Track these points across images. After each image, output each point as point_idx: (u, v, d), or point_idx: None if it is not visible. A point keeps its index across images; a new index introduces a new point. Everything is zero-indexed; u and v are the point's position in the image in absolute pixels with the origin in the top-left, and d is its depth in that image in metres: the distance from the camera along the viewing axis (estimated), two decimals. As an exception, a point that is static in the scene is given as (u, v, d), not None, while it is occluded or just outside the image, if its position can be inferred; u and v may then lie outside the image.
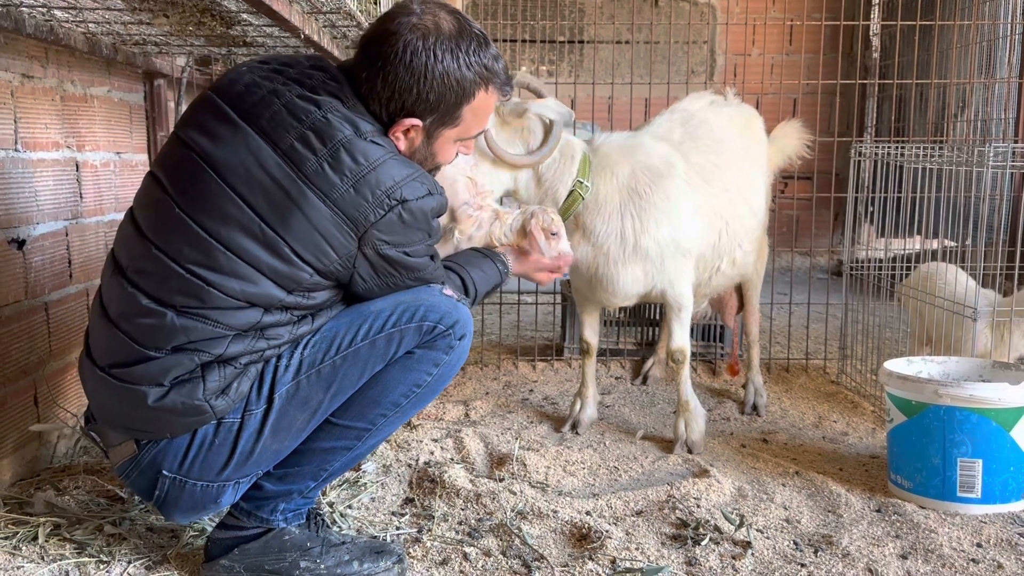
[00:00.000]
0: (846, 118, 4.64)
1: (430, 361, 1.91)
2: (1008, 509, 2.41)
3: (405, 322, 1.88)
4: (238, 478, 1.87)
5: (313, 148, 1.74)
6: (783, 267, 6.17)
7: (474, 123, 1.95)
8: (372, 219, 1.76)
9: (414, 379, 1.91)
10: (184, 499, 1.87)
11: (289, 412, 1.85)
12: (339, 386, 1.87)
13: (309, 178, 1.73)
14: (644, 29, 6.67)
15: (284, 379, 1.84)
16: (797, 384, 3.73)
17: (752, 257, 3.21)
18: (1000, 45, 5.17)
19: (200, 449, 1.83)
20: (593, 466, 2.73)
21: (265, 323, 1.80)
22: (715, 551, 2.14)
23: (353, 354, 1.86)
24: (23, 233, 2.51)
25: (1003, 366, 2.63)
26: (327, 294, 1.86)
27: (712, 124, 3.06)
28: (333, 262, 1.78)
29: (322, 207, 1.73)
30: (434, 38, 1.80)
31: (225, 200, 1.74)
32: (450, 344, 1.92)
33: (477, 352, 4.03)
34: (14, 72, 2.44)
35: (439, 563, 2.07)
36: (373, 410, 1.91)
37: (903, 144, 3.34)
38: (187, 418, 1.80)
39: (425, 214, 1.84)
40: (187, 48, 3.05)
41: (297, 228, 1.73)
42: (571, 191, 2.73)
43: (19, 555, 2.04)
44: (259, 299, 1.77)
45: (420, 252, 1.90)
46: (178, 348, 1.76)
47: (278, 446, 1.87)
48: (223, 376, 1.79)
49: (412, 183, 1.80)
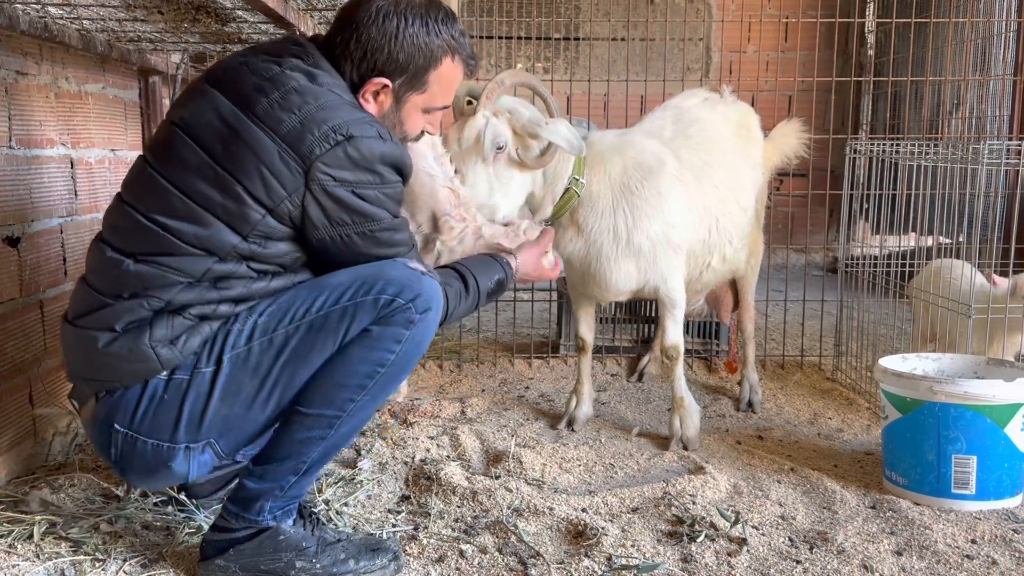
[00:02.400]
0: (841, 115, 4.65)
1: (390, 338, 1.86)
2: (1002, 505, 2.42)
3: (361, 295, 1.85)
4: (188, 442, 1.85)
5: (266, 92, 1.82)
6: (778, 264, 6.18)
7: (439, 92, 2.01)
8: (317, 152, 1.78)
9: (376, 358, 1.86)
10: (137, 458, 1.87)
11: (238, 377, 1.84)
12: (289, 357, 1.84)
13: (259, 117, 1.80)
14: (640, 26, 6.67)
15: (236, 343, 1.84)
16: (792, 381, 3.73)
17: (743, 254, 3.21)
18: (995, 42, 5.18)
19: (150, 404, 1.84)
20: (589, 463, 2.73)
21: (217, 272, 1.82)
22: (711, 548, 2.14)
23: (306, 325, 1.84)
24: (17, 231, 2.50)
25: (998, 363, 2.63)
26: (285, 246, 1.86)
27: (704, 121, 3.06)
28: (282, 199, 1.80)
29: (269, 142, 1.78)
30: (405, 4, 1.91)
31: (185, 149, 1.83)
32: (410, 318, 1.86)
33: (473, 349, 4.04)
34: (8, 69, 2.43)
35: (435, 560, 2.07)
36: (340, 394, 1.86)
37: (898, 141, 3.34)
38: (133, 364, 1.82)
39: (374, 156, 1.84)
40: (182, 45, 3.04)
41: (246, 164, 1.79)
42: (567, 188, 2.74)
43: (14, 554, 2.04)
44: (212, 244, 1.80)
45: (372, 198, 1.86)
46: (133, 295, 1.82)
47: (227, 412, 1.85)
48: (171, 326, 1.82)
49: (362, 124, 1.83)
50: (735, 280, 3.36)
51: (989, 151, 2.79)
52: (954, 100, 5.49)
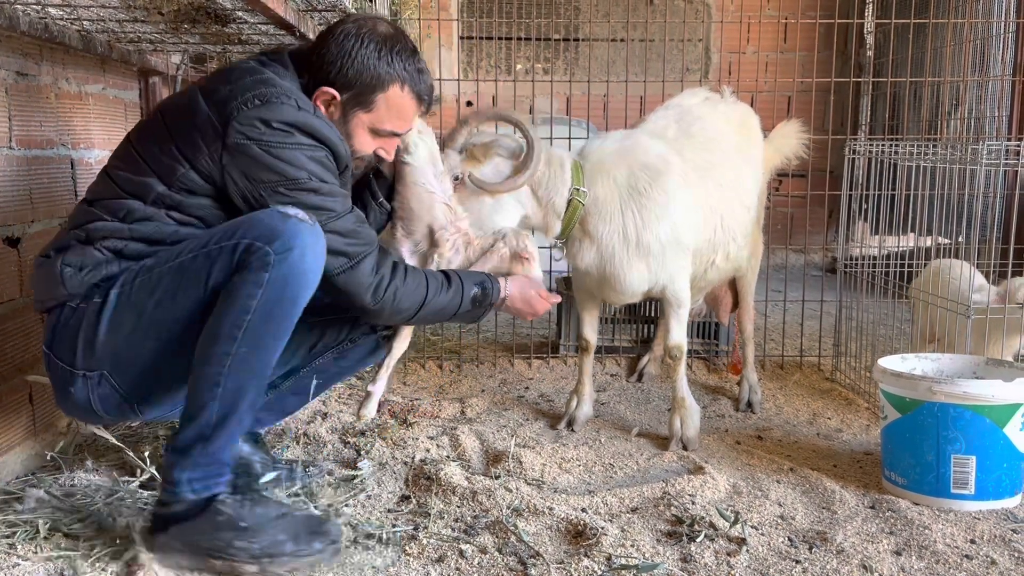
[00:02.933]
0: (840, 116, 4.65)
1: (250, 283, 1.88)
2: (1001, 505, 2.42)
3: (224, 240, 1.93)
4: (85, 370, 2.01)
5: (220, 73, 2.08)
6: (778, 264, 6.18)
7: (387, 115, 2.16)
8: (235, 114, 1.95)
9: (239, 306, 1.89)
10: (54, 379, 2.07)
11: (121, 311, 1.98)
12: (160, 295, 1.96)
13: (205, 91, 2.02)
14: (639, 27, 6.68)
15: (124, 280, 1.99)
16: (792, 381, 3.74)
17: (746, 252, 3.22)
18: (994, 43, 5.18)
19: (61, 328, 2.02)
20: (589, 463, 2.73)
21: (138, 213, 2.01)
22: (710, 548, 2.15)
23: (178, 266, 1.96)
24: (18, 231, 2.50)
25: (997, 363, 2.64)
26: (207, 202, 2.02)
27: (706, 121, 3.07)
28: (203, 155, 1.97)
29: (203, 105, 1.99)
30: (367, 31, 2.11)
31: (153, 123, 2.09)
32: (266, 261, 1.87)
33: (473, 350, 4.04)
34: (8, 70, 2.44)
35: (435, 560, 2.08)
36: (213, 347, 1.90)
37: (897, 142, 3.34)
38: (48, 285, 2.03)
39: (286, 118, 1.97)
40: (182, 46, 3.04)
41: (183, 125, 2.01)
42: (570, 200, 2.74)
43: (14, 554, 2.04)
44: (141, 189, 2.01)
45: (286, 157, 1.97)
46: (71, 229, 2.06)
47: (113, 345, 1.99)
48: (83, 254, 2.01)
49: (284, 95, 1.99)
50: (735, 280, 3.37)
51: (988, 152, 2.80)
52: (953, 101, 5.50)
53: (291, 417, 3.05)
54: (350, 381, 3.51)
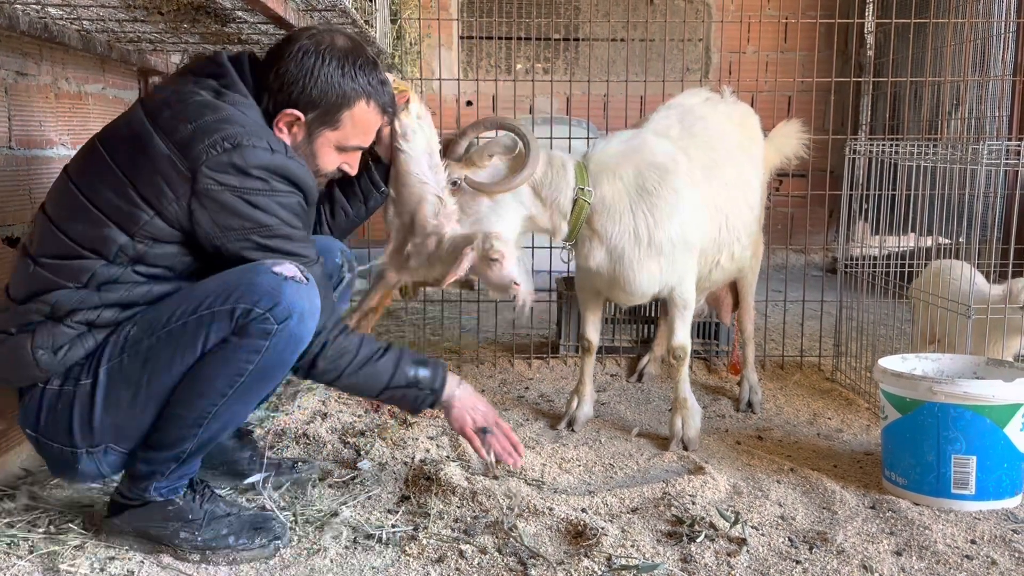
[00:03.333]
0: (840, 116, 4.65)
1: (248, 349, 1.88)
2: (1002, 506, 2.42)
3: (218, 304, 1.88)
4: (87, 447, 1.96)
5: (170, 104, 1.93)
6: (778, 264, 6.18)
7: (353, 132, 2.10)
8: (203, 158, 1.85)
9: (234, 369, 1.90)
10: (51, 459, 2.03)
11: (115, 388, 1.92)
12: (154, 367, 1.91)
13: (159, 125, 1.89)
14: (639, 27, 6.68)
15: (111, 355, 1.92)
16: (792, 381, 3.74)
17: (749, 252, 3.22)
18: (994, 43, 5.18)
19: (48, 412, 1.95)
20: (589, 463, 2.73)
21: (102, 276, 1.89)
22: (710, 548, 2.14)
23: (167, 335, 1.90)
24: (17, 231, 2.50)
25: (997, 363, 2.64)
26: (173, 249, 1.92)
27: (708, 120, 3.07)
28: (170, 202, 1.87)
29: (163, 147, 1.87)
30: (326, 47, 2.02)
31: (96, 157, 1.94)
32: (267, 330, 1.87)
33: (473, 350, 4.04)
34: (8, 69, 2.43)
35: (435, 561, 2.07)
36: (200, 401, 1.92)
37: (897, 142, 3.34)
38: (18, 369, 1.93)
39: (260, 163, 1.89)
40: (182, 46, 3.04)
41: (140, 168, 1.88)
42: (575, 200, 2.72)
43: (13, 554, 2.04)
44: (100, 243, 1.88)
45: (260, 204, 1.90)
46: (28, 298, 1.92)
47: (114, 420, 1.94)
48: (53, 334, 1.90)
49: (252, 135, 1.90)
50: (736, 280, 3.37)
51: (988, 151, 2.79)
52: (953, 101, 5.50)
53: (291, 417, 3.04)
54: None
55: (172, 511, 2.05)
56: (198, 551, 2.04)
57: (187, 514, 2.05)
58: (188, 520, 2.05)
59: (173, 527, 2.04)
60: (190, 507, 2.06)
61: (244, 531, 2.07)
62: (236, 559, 2.04)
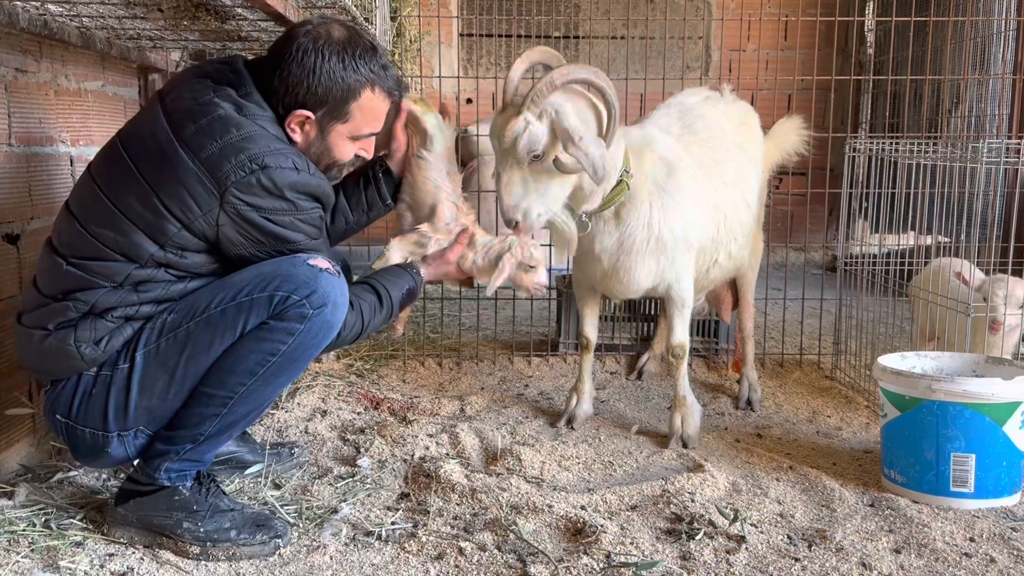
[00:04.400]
0: (840, 114, 4.65)
1: (283, 331, 1.97)
2: (1001, 504, 2.42)
3: (257, 292, 1.96)
4: (119, 431, 2.03)
5: (195, 118, 1.95)
6: (778, 263, 6.18)
7: (364, 121, 2.13)
8: (232, 179, 1.92)
9: (267, 348, 1.97)
10: (79, 444, 2.06)
11: (152, 372, 1.99)
12: (192, 351, 1.98)
13: (185, 140, 1.94)
14: (639, 25, 6.67)
15: (148, 340, 2.00)
16: (791, 379, 3.74)
17: (747, 251, 3.21)
18: (994, 41, 5.18)
19: (82, 398, 2.02)
20: (588, 461, 2.73)
21: (137, 277, 1.97)
22: (709, 545, 2.15)
23: (205, 320, 1.97)
24: (17, 228, 2.50)
25: (996, 361, 2.64)
26: (202, 257, 2.02)
27: (708, 119, 3.06)
28: (197, 217, 1.95)
29: (189, 164, 1.92)
30: (324, 41, 2.04)
31: (120, 163, 1.99)
32: (303, 314, 1.96)
33: (472, 347, 4.04)
34: (8, 66, 2.43)
35: (434, 558, 2.08)
36: (230, 378, 1.98)
37: (897, 140, 3.34)
38: (61, 362, 2.00)
39: (286, 184, 1.97)
40: (181, 43, 3.04)
41: (167, 182, 1.93)
42: (619, 180, 2.64)
43: (12, 550, 2.04)
44: (132, 251, 1.96)
45: (286, 223, 2.00)
46: (64, 296, 1.99)
47: (147, 403, 2.01)
48: (94, 328, 1.98)
49: (278, 155, 1.96)
50: (735, 278, 3.37)
51: (988, 150, 2.80)
52: (953, 99, 5.50)
53: (290, 415, 3.05)
54: (349, 379, 3.51)
55: (177, 501, 2.07)
56: (199, 543, 2.06)
57: (191, 505, 2.08)
58: (192, 511, 2.07)
59: (177, 517, 2.07)
60: (195, 499, 2.09)
61: (246, 527, 2.09)
62: (236, 554, 2.06)
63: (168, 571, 2.00)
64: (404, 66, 5.45)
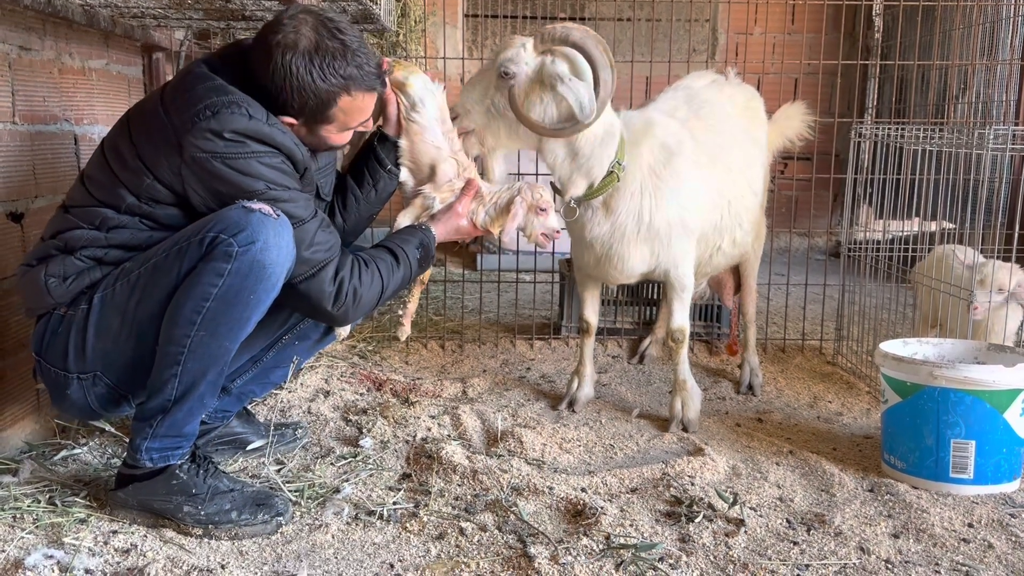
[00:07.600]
0: (847, 99, 4.62)
1: (211, 272, 1.96)
2: (1000, 490, 2.43)
3: (192, 236, 1.99)
4: (78, 372, 2.09)
5: (178, 82, 2.06)
6: (781, 248, 6.17)
7: (348, 119, 2.13)
8: (188, 126, 1.96)
9: (200, 293, 1.97)
10: (47, 382, 2.14)
11: (106, 314, 2.05)
12: (140, 295, 2.03)
13: (165, 103, 2.03)
14: (646, 7, 6.62)
15: (107, 284, 2.06)
16: (793, 364, 3.74)
17: (751, 236, 3.21)
18: (1003, 27, 5.14)
19: (50, 336, 2.09)
20: (589, 444, 2.74)
21: (112, 222, 2.05)
22: (708, 528, 2.16)
23: (152, 266, 2.02)
24: (21, 206, 2.50)
25: (998, 348, 2.64)
26: (175, 211, 2.05)
27: (714, 103, 3.05)
28: (165, 168, 2.00)
29: (162, 117, 2.00)
30: (291, 54, 2.00)
31: (120, 129, 2.11)
32: (229, 252, 1.94)
33: (475, 330, 4.05)
34: (12, 44, 2.43)
35: (435, 538, 2.09)
36: (175, 330, 2.00)
37: (903, 125, 3.33)
38: (35, 295, 2.09)
39: (235, 128, 1.96)
40: (185, 21, 3.03)
41: (143, 136, 2.03)
42: (609, 172, 2.66)
43: (17, 525, 2.06)
44: (112, 199, 2.05)
45: (244, 168, 1.99)
46: (52, 236, 2.10)
47: (103, 346, 2.07)
48: (63, 264, 2.06)
49: (234, 105, 1.98)
50: (738, 263, 3.36)
51: (994, 136, 2.78)
52: (960, 84, 5.46)
53: (293, 395, 3.06)
54: (352, 360, 3.52)
55: (176, 485, 2.08)
56: (201, 525, 2.07)
57: (191, 488, 2.09)
58: (192, 495, 2.08)
59: (177, 501, 2.08)
60: (194, 481, 2.10)
61: (247, 507, 2.10)
62: (239, 534, 2.07)
63: (171, 548, 2.02)
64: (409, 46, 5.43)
